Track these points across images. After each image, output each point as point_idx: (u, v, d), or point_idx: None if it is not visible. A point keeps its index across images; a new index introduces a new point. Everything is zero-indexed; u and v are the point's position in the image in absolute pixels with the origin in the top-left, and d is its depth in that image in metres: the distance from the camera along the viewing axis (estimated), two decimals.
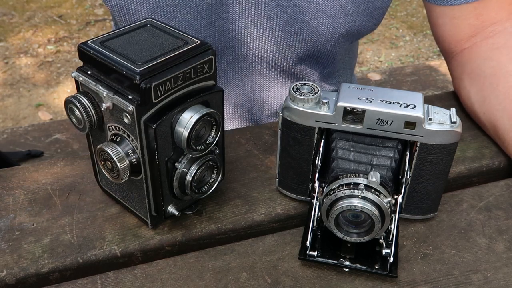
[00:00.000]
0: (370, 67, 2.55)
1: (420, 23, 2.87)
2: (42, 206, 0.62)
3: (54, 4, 3.00)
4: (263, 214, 0.62)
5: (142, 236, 0.59)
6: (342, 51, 0.84)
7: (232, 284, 0.54)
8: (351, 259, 0.56)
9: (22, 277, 0.55)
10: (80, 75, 0.53)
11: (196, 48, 0.52)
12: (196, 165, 0.55)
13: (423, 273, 0.56)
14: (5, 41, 2.67)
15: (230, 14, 0.73)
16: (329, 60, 0.83)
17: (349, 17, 0.76)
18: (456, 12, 0.77)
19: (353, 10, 0.75)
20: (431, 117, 0.54)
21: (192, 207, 0.61)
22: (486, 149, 0.72)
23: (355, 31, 0.79)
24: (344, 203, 0.51)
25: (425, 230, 0.61)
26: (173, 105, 0.51)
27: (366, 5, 0.76)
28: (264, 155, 0.70)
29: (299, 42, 0.77)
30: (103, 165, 0.55)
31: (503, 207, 0.63)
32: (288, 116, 0.57)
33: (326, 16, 0.74)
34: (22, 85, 2.38)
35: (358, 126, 0.55)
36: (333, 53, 0.81)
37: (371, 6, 0.77)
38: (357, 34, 0.80)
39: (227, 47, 0.76)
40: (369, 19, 0.78)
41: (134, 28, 0.55)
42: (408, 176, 0.56)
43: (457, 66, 0.81)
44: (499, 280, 0.55)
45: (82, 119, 0.53)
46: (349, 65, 0.94)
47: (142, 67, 0.48)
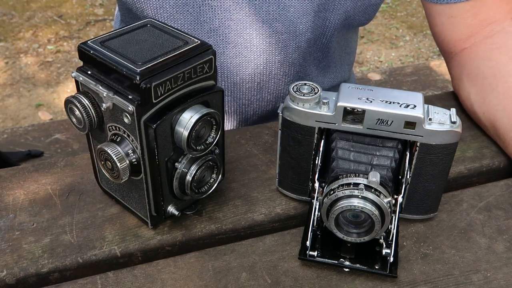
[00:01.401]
0: (370, 67, 2.55)
1: (420, 23, 2.87)
2: (42, 206, 0.62)
3: (54, 4, 3.00)
4: (263, 214, 0.62)
5: (142, 236, 0.59)
6: (335, 44, 0.84)
7: (232, 284, 0.54)
8: (351, 259, 0.56)
9: (22, 277, 0.55)
10: (80, 75, 0.53)
11: (196, 48, 0.52)
12: (196, 165, 0.55)
13: (423, 273, 0.56)
14: (5, 41, 2.67)
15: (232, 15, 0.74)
16: (324, 54, 0.83)
17: (346, 13, 0.77)
18: (453, 10, 0.77)
19: (351, 7, 0.76)
20: (431, 117, 0.54)
21: (192, 207, 0.61)
22: (486, 149, 0.72)
23: (349, 25, 0.81)
24: (344, 203, 0.51)
25: (425, 230, 0.61)
26: (173, 105, 0.51)
27: (363, 2, 0.78)
28: (264, 155, 0.70)
29: (304, 42, 0.77)
30: (103, 165, 0.55)
31: (503, 207, 0.63)
32: (288, 116, 0.57)
33: (325, 11, 0.76)
34: (22, 85, 2.38)
35: (358, 126, 0.55)
36: (327, 46, 0.82)
37: (367, 2, 0.79)
38: (350, 27, 0.82)
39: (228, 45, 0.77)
40: (363, 14, 0.81)
41: (134, 28, 0.55)
42: (408, 176, 0.56)
43: (456, 67, 0.81)
44: (499, 280, 0.55)
45: (82, 119, 0.53)
46: (347, 61, 0.94)
47: (142, 67, 0.48)
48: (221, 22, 0.74)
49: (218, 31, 0.74)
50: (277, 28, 0.75)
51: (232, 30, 0.75)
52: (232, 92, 0.81)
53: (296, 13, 0.74)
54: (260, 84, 0.81)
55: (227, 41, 0.75)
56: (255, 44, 0.76)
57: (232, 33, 0.75)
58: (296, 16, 0.75)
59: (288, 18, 0.75)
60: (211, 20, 0.74)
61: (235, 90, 0.81)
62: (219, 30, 0.74)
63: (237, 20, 0.74)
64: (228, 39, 0.75)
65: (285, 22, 0.75)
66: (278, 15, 0.74)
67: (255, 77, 0.79)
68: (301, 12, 0.74)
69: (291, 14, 0.74)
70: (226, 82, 0.80)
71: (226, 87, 0.80)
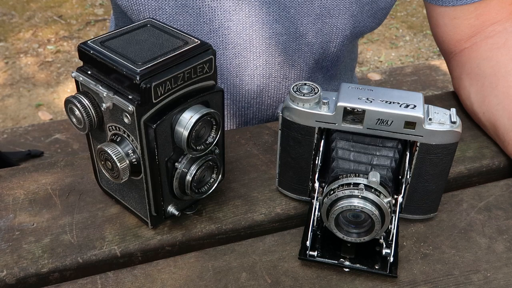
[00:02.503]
0: (370, 67, 2.55)
1: (420, 23, 2.87)
2: (42, 206, 0.62)
3: (54, 4, 3.00)
4: (263, 214, 0.62)
5: (142, 236, 0.59)
6: (345, 53, 0.83)
7: (232, 284, 0.54)
8: (351, 259, 0.56)
9: (22, 277, 0.55)
10: (80, 75, 0.53)
11: (196, 48, 0.52)
12: (196, 165, 0.55)
13: (423, 273, 0.56)
14: (5, 41, 2.67)
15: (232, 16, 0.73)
16: (333, 63, 0.83)
17: (354, 18, 0.76)
18: (457, 12, 0.77)
19: (357, 11, 0.75)
20: (431, 117, 0.54)
21: (192, 207, 0.61)
22: (486, 149, 0.72)
23: (359, 31, 0.79)
24: (344, 203, 0.51)
25: (425, 230, 0.61)
26: (173, 105, 0.51)
27: (371, 6, 0.76)
28: (264, 155, 0.70)
29: (305, 45, 0.77)
30: (103, 165, 0.55)
31: (503, 207, 0.63)
32: (288, 116, 0.57)
33: (330, 16, 0.74)
34: (22, 85, 2.38)
35: (358, 126, 0.55)
36: (337, 55, 0.81)
37: (375, 6, 0.77)
38: (360, 34, 0.80)
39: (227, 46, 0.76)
40: (373, 19, 0.79)
41: (134, 28, 0.55)
42: (408, 176, 0.56)
43: (456, 66, 0.81)
44: (499, 280, 0.55)
45: (82, 119, 0.53)
46: (350, 67, 0.94)
47: (142, 67, 0.48)
48: (220, 23, 0.74)
49: (217, 32, 0.74)
50: (277, 29, 0.75)
51: (232, 31, 0.74)
52: (232, 94, 0.81)
53: (296, 14, 0.74)
54: (259, 87, 0.80)
55: (227, 41, 0.75)
56: (255, 45, 0.76)
57: (231, 34, 0.75)
58: (296, 18, 0.74)
59: (288, 19, 0.74)
60: (211, 21, 0.73)
61: (234, 92, 0.80)
62: (219, 31, 0.74)
63: (237, 21, 0.74)
64: (227, 40, 0.75)
65: (285, 23, 0.75)
66: (278, 16, 0.74)
67: (254, 79, 0.79)
68: (301, 13, 0.74)
69: (291, 15, 0.74)
70: (225, 84, 0.80)
71: (225, 89, 0.80)
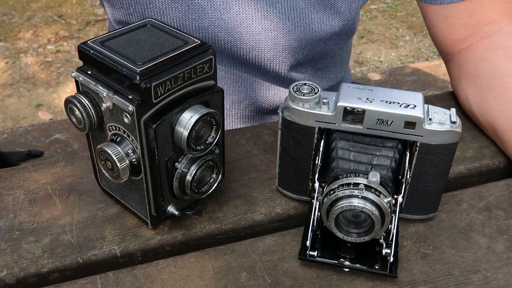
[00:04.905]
0: (370, 67, 2.55)
1: (420, 23, 2.87)
2: (42, 206, 0.62)
3: (54, 4, 3.00)
4: (263, 214, 0.62)
5: (142, 236, 0.59)
6: (335, 48, 0.84)
7: (232, 284, 0.54)
8: (351, 259, 0.56)
9: (22, 277, 0.55)
10: (80, 75, 0.53)
11: (196, 48, 0.52)
12: (196, 165, 0.55)
13: (423, 273, 0.56)
14: (5, 41, 2.67)
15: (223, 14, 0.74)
16: (321, 57, 0.83)
17: (340, 15, 0.77)
18: (448, 11, 0.77)
19: (344, 8, 0.76)
20: (431, 117, 0.54)
21: (192, 207, 0.61)
22: (486, 149, 0.72)
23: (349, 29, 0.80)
24: (344, 203, 0.51)
25: (425, 230, 0.61)
26: (173, 105, 0.51)
27: (358, 3, 0.77)
28: (264, 155, 0.70)
29: (294, 40, 0.77)
30: (103, 165, 0.55)
31: (503, 207, 0.63)
32: (288, 116, 0.57)
33: (316, 11, 0.75)
34: (22, 85, 2.38)
35: (358, 126, 0.55)
36: (325, 49, 0.81)
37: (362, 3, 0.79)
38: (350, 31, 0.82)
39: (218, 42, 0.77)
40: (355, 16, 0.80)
41: (134, 28, 0.55)
42: (408, 176, 0.56)
43: (454, 67, 0.81)
44: (499, 280, 0.55)
45: (82, 119, 0.53)
46: (345, 60, 0.94)
47: (142, 67, 0.48)
48: (211, 21, 0.74)
49: (207, 29, 0.74)
50: (266, 25, 0.75)
51: (222, 29, 0.75)
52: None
53: (283, 9, 0.74)
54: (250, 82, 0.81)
55: (217, 39, 0.75)
56: (245, 41, 0.76)
57: (222, 32, 0.75)
58: (282, 13, 0.75)
59: (276, 15, 0.75)
60: (201, 18, 0.74)
61: (225, 87, 0.81)
62: (209, 28, 0.74)
63: (227, 19, 0.74)
64: (218, 37, 0.75)
65: (273, 20, 0.75)
66: (267, 12, 0.74)
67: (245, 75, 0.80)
68: (287, 8, 0.74)
69: (278, 10, 0.74)
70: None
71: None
